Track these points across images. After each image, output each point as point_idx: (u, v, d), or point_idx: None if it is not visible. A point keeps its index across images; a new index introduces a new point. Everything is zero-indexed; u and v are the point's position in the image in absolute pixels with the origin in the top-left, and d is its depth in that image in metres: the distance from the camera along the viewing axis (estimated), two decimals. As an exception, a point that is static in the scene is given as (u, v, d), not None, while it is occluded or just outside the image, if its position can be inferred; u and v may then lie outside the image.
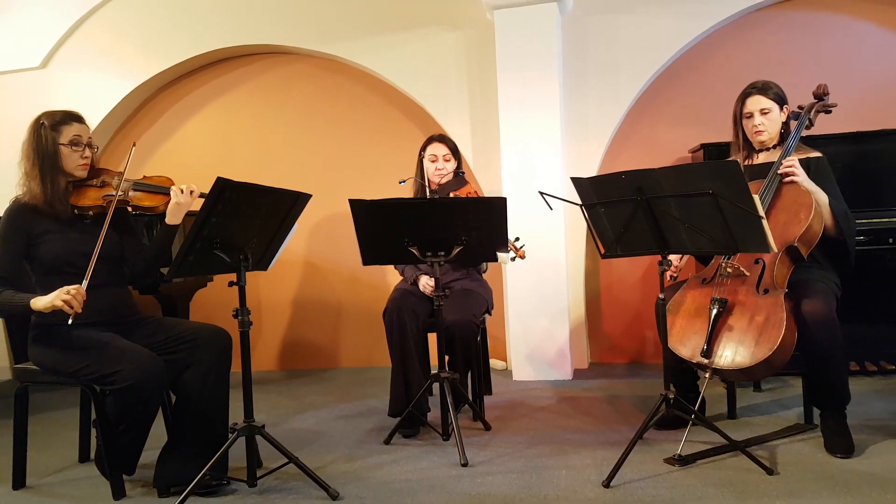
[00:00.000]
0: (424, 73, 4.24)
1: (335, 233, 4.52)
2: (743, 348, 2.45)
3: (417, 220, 2.66)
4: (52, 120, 2.44)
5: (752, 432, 2.74)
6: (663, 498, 2.18)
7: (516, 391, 3.70)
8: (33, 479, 2.65)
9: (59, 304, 2.17)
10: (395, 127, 4.48)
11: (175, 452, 2.40)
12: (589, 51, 4.06)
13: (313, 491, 2.35)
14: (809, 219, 2.54)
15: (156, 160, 4.76)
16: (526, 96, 3.89)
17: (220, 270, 2.37)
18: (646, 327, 4.23)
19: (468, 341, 2.95)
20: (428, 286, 3.08)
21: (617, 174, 2.37)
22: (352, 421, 3.27)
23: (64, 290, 2.18)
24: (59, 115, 2.47)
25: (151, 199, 2.51)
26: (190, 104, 4.75)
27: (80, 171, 2.47)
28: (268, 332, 4.67)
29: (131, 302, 2.61)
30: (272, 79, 4.64)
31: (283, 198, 2.38)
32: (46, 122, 2.44)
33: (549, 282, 3.89)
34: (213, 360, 2.43)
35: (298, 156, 4.60)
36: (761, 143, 2.81)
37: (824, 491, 2.17)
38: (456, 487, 2.36)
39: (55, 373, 2.42)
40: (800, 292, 2.54)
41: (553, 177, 3.87)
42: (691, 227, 2.32)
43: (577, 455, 2.61)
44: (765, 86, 2.77)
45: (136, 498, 2.41)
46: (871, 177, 3.50)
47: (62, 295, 2.17)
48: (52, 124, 2.43)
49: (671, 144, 4.12)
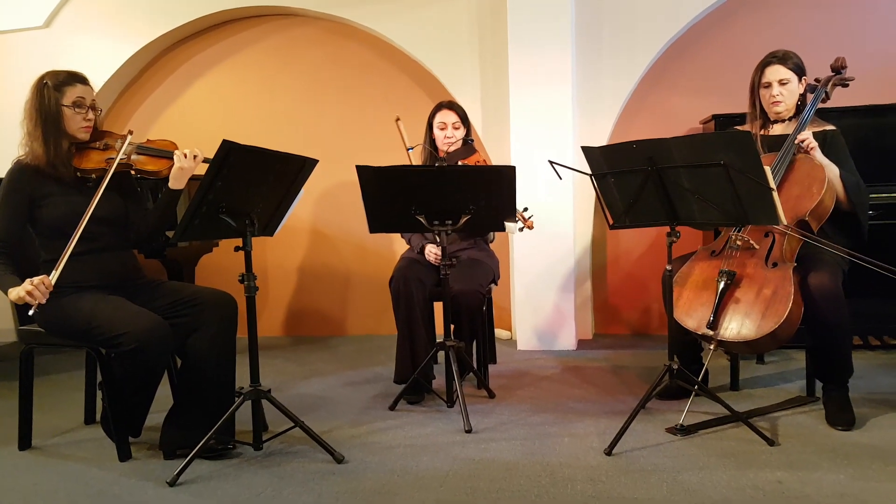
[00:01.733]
0: (435, 39, 4.18)
1: (343, 200, 4.50)
2: (749, 321, 2.44)
3: (425, 187, 2.64)
4: (55, 80, 2.41)
5: (755, 404, 2.75)
6: (665, 466, 2.19)
7: (521, 360, 3.71)
8: (39, 440, 2.68)
9: (24, 294, 2.17)
10: (405, 93, 4.43)
11: (181, 416, 2.42)
12: (602, 20, 3.99)
13: (319, 455, 2.38)
14: (822, 193, 2.52)
15: (161, 123, 4.73)
16: (537, 66, 3.83)
17: (226, 235, 2.35)
18: (651, 299, 4.22)
19: (474, 311, 2.95)
20: (433, 254, 3.07)
21: (628, 143, 2.34)
22: (357, 387, 3.29)
23: (28, 281, 2.18)
24: (62, 75, 2.43)
25: (155, 163, 2.49)
26: (195, 67, 4.69)
27: (82, 133, 2.44)
28: (274, 299, 4.69)
29: (137, 265, 2.60)
30: (279, 41, 4.58)
31: (289, 162, 2.35)
32: (50, 82, 2.40)
33: (555, 252, 3.88)
34: (218, 324, 2.43)
35: (305, 121, 4.56)
36: (777, 114, 2.77)
37: (825, 463, 2.18)
38: (460, 453, 2.38)
39: (61, 335, 2.43)
40: (807, 266, 2.53)
41: (563, 146, 3.83)
42: (702, 199, 2.30)
43: (580, 423, 2.63)
44: (785, 55, 2.72)
45: (142, 460, 2.43)
46: (884, 151, 3.46)
47: (26, 286, 2.17)
48: (55, 84, 2.40)
49: (683, 115, 4.07)
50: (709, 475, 2.12)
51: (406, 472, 2.24)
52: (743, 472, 2.13)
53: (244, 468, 2.32)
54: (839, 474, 2.09)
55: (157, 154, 2.50)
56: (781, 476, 2.09)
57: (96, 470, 2.37)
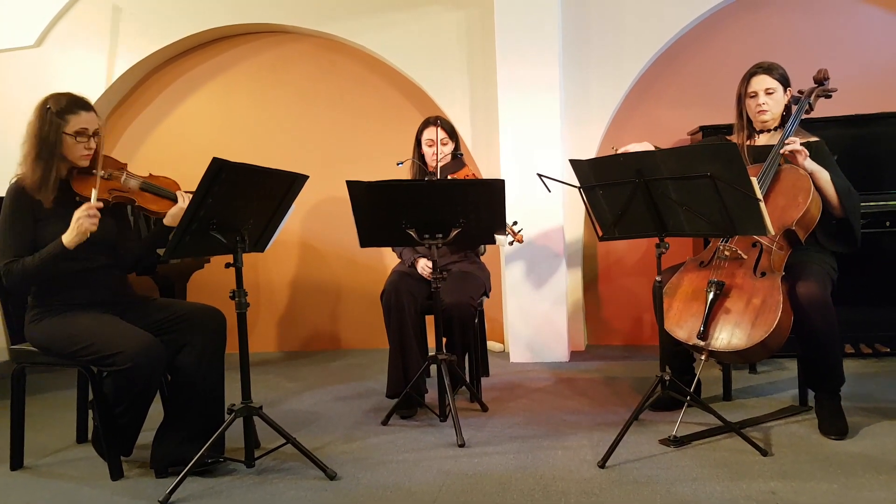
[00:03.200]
0: (424, 53, 4.21)
1: (333, 215, 4.50)
2: (739, 331, 2.45)
3: (415, 201, 2.65)
4: (58, 106, 2.37)
5: (747, 414, 2.75)
6: (658, 478, 2.19)
7: (513, 373, 3.71)
8: (31, 459, 2.66)
9: (87, 224, 2.26)
10: (394, 108, 4.45)
11: (172, 433, 2.41)
12: (590, 32, 4.03)
13: (311, 471, 2.37)
14: (808, 203, 2.54)
15: (152, 140, 4.73)
16: (526, 77, 3.85)
17: (217, 252, 2.37)
18: (643, 310, 4.23)
19: (466, 323, 2.95)
20: (426, 269, 3.07)
21: (615, 156, 2.36)
22: (350, 402, 3.28)
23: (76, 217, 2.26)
24: (65, 101, 2.38)
25: (159, 203, 2.50)
26: (186, 83, 4.70)
27: (83, 161, 2.43)
28: (266, 314, 4.68)
29: (127, 283, 2.61)
30: (270, 58, 4.60)
31: (280, 179, 2.36)
32: (53, 108, 2.36)
33: (546, 264, 3.89)
34: (206, 339, 2.44)
35: (296, 136, 4.58)
36: (763, 124, 2.80)
37: (818, 472, 2.18)
38: (453, 467, 2.38)
39: (53, 354, 2.42)
40: (795, 275, 2.55)
41: (552, 159, 3.85)
42: (689, 210, 2.32)
43: (573, 436, 2.63)
44: (770, 66, 2.76)
45: (134, 478, 2.42)
46: (869, 160, 3.49)
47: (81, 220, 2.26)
48: (58, 111, 2.36)
49: (671, 126, 4.10)
50: (702, 486, 2.12)
51: (398, 488, 2.23)
52: (736, 482, 2.13)
53: (236, 486, 2.31)
54: (832, 483, 2.10)
55: (163, 194, 2.51)
56: (775, 486, 2.09)
57: (88, 489, 2.35)
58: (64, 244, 2.29)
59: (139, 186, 2.50)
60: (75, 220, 2.27)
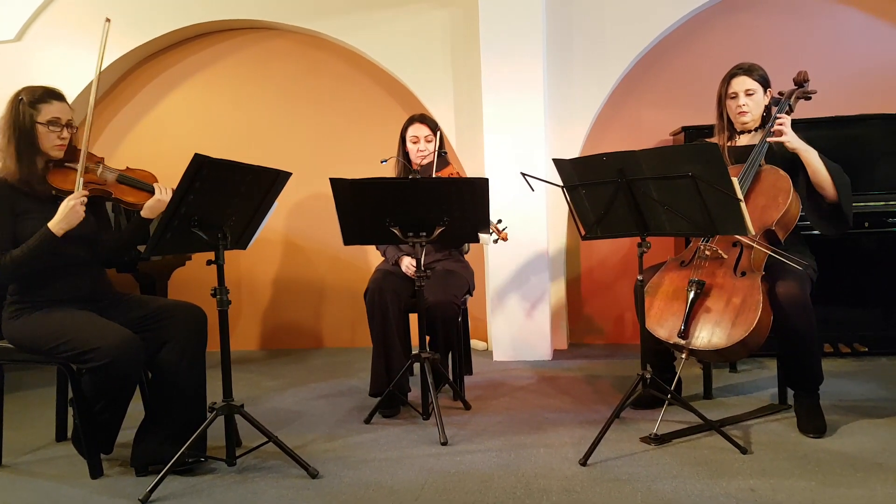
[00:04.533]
0: (409, 51, 4.20)
1: (317, 212, 4.49)
2: (719, 330, 2.47)
3: (399, 200, 2.65)
4: (31, 96, 2.38)
5: (727, 412, 2.78)
6: (639, 476, 2.21)
7: (496, 371, 3.72)
8: (9, 457, 2.63)
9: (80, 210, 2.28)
10: (378, 105, 4.44)
11: (152, 431, 2.40)
12: (574, 32, 4.05)
13: (293, 470, 2.36)
14: (787, 203, 2.57)
15: (134, 135, 4.69)
16: (510, 77, 3.86)
17: (199, 249, 2.35)
18: (625, 309, 4.26)
19: (449, 322, 2.95)
20: (410, 267, 3.07)
21: (598, 156, 2.37)
22: (332, 400, 3.27)
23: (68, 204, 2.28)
24: (38, 91, 2.40)
25: (135, 195, 2.49)
26: (168, 79, 4.66)
27: (56, 151, 2.42)
28: (248, 312, 4.65)
29: (106, 280, 2.59)
30: (253, 55, 4.57)
31: (262, 176, 2.35)
32: (25, 98, 2.37)
33: (529, 263, 3.91)
34: (187, 337, 2.42)
35: (279, 133, 4.55)
36: (744, 125, 2.82)
37: (797, 470, 2.21)
38: (435, 465, 2.38)
39: (31, 351, 2.39)
40: (775, 275, 2.57)
41: (536, 158, 3.86)
42: (671, 210, 2.34)
43: (555, 434, 2.64)
44: (750, 67, 2.78)
45: (114, 477, 2.40)
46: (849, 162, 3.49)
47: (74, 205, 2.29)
48: (30, 101, 2.37)
49: (654, 126, 4.13)
50: (683, 484, 2.14)
51: (381, 486, 2.23)
52: (716, 480, 2.15)
53: (217, 484, 2.29)
54: (810, 481, 2.12)
55: (140, 186, 2.50)
56: (754, 483, 2.12)
57: (68, 488, 2.33)
58: (52, 231, 2.27)
59: (116, 179, 2.48)
60: (67, 206, 2.28)
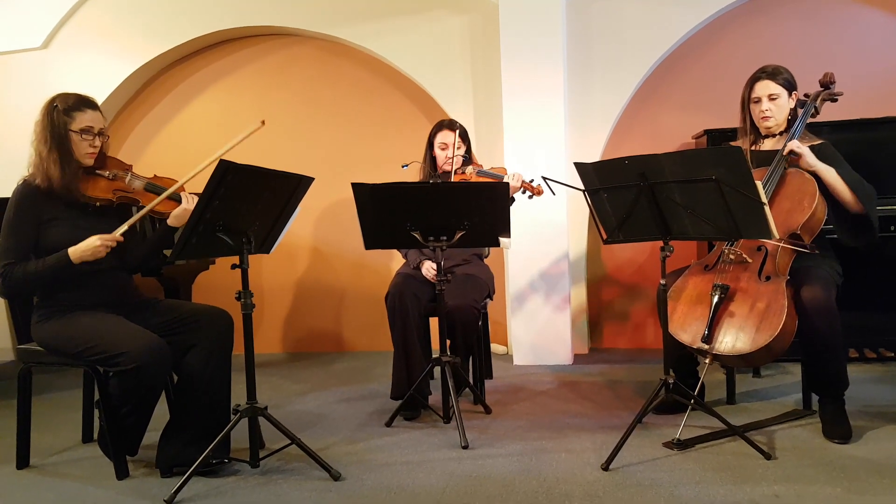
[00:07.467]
0: (429, 57, 4.22)
1: (339, 217, 4.51)
2: (743, 335, 2.45)
3: (420, 204, 2.66)
4: (65, 104, 2.40)
5: (751, 418, 2.75)
6: (661, 481, 2.19)
7: (517, 375, 3.71)
8: (37, 459, 2.67)
9: (103, 252, 2.31)
10: (399, 111, 4.46)
11: (177, 433, 2.42)
12: (593, 37, 4.04)
13: (315, 472, 2.37)
14: (813, 206, 2.54)
15: (158, 141, 4.75)
16: (530, 82, 3.86)
17: (223, 253, 2.37)
18: (646, 313, 4.24)
19: (469, 326, 2.96)
20: (431, 271, 3.08)
21: (620, 159, 2.36)
22: (354, 404, 3.29)
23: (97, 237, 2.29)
24: (72, 99, 2.42)
25: (163, 203, 2.49)
26: (192, 86, 4.72)
27: (87, 158, 2.45)
28: (271, 316, 4.69)
29: (133, 285, 2.62)
30: (275, 61, 4.62)
31: (285, 181, 2.38)
32: (60, 106, 2.40)
33: (550, 267, 3.90)
34: (214, 341, 2.45)
35: (301, 139, 4.59)
36: (767, 129, 2.79)
37: (822, 476, 2.18)
38: (456, 469, 2.38)
39: (59, 354, 2.43)
40: (800, 279, 2.55)
41: (556, 163, 3.86)
42: (694, 214, 2.32)
43: (576, 439, 2.63)
44: (775, 71, 2.74)
45: (139, 478, 2.43)
46: (873, 164, 3.46)
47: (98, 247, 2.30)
48: (65, 108, 2.39)
49: (675, 131, 4.10)
50: (706, 489, 2.12)
51: (402, 490, 2.24)
52: (740, 486, 2.13)
53: (241, 486, 2.31)
54: (836, 487, 2.10)
55: (169, 195, 2.51)
56: (778, 490, 2.09)
57: (93, 489, 2.36)
58: (70, 259, 2.31)
59: (143, 187, 2.51)
60: (94, 244, 2.30)
